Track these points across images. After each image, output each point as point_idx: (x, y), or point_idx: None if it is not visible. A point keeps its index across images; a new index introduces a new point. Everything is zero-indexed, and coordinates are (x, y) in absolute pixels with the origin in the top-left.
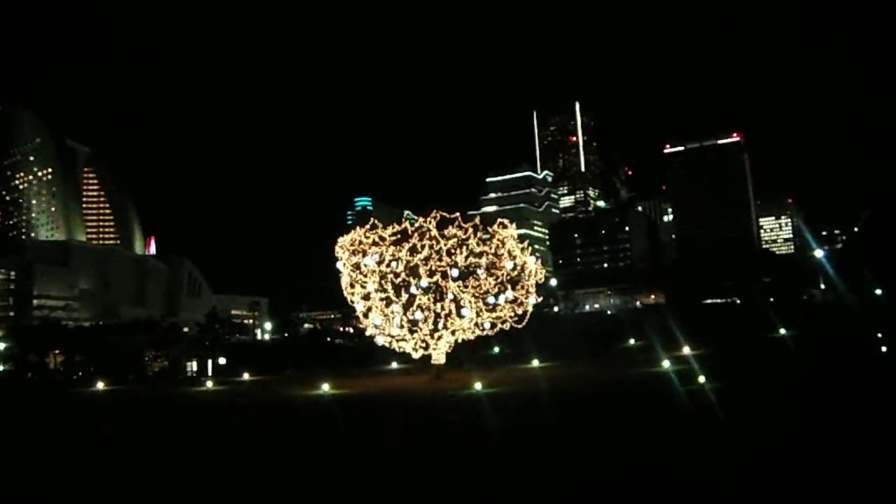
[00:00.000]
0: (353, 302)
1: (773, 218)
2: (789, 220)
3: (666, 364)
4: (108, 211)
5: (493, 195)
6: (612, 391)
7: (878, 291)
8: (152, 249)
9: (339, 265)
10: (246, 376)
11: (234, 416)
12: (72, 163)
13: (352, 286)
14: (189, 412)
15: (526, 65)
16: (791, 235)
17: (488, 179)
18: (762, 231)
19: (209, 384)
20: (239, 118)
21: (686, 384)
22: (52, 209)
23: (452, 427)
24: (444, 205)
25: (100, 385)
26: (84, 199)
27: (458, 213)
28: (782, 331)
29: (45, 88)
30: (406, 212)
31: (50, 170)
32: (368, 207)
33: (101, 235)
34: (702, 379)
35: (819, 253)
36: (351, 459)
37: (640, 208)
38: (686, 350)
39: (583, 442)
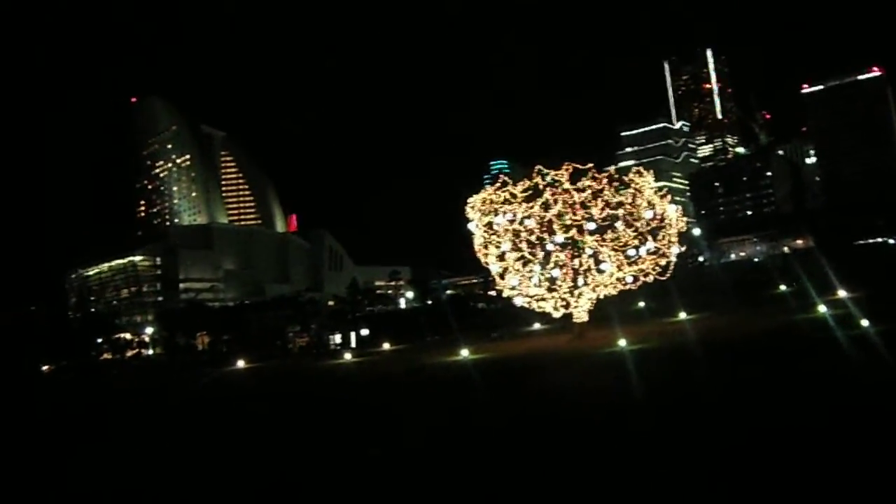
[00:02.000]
0: (487, 263)
1: None
2: None
3: (822, 309)
4: (247, 192)
5: (628, 149)
6: (768, 340)
7: None
8: (295, 227)
9: (470, 226)
10: (386, 346)
11: (363, 387)
12: (208, 148)
13: (485, 247)
14: (322, 385)
15: (654, 10)
16: None
17: (623, 133)
18: None
19: (348, 356)
20: (369, 91)
21: (848, 329)
22: (193, 194)
23: (593, 389)
24: (581, 160)
25: (240, 363)
26: (223, 182)
27: (591, 164)
28: None
29: (178, 78)
30: (537, 167)
31: (188, 156)
32: (506, 170)
33: (241, 216)
34: (865, 322)
35: None
36: (483, 429)
37: (781, 152)
38: (842, 293)
39: (742, 400)
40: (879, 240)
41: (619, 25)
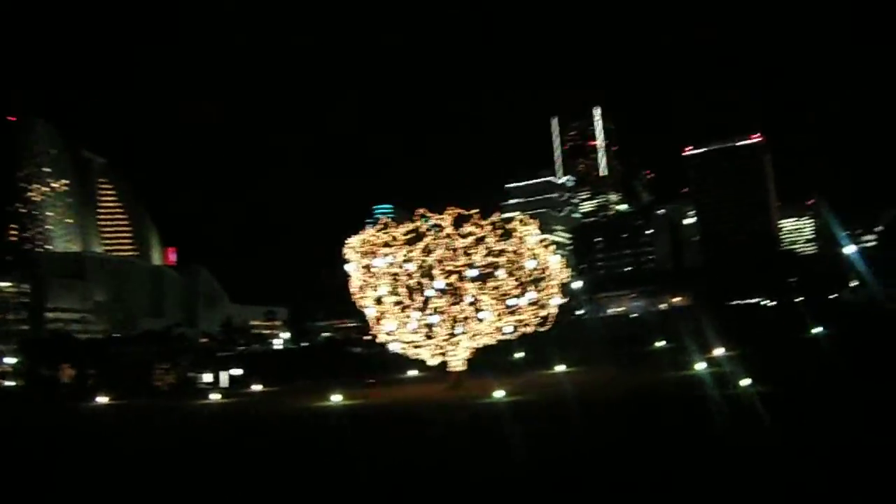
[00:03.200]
0: (363, 307)
1: (794, 219)
2: (810, 221)
3: (700, 366)
4: (125, 221)
5: (513, 201)
6: (646, 397)
7: None
8: (173, 260)
9: (348, 268)
10: (257, 388)
11: (222, 431)
12: (87, 174)
13: (362, 290)
14: (180, 427)
15: (544, 72)
16: (813, 236)
17: (508, 185)
18: (782, 233)
19: (216, 396)
20: (257, 128)
21: (726, 388)
22: (68, 220)
23: (466, 442)
24: (467, 209)
25: (102, 399)
26: (100, 211)
27: (475, 210)
28: (816, 330)
29: (60, 100)
30: (420, 209)
31: (65, 181)
32: (390, 215)
33: (117, 247)
34: (745, 381)
35: (850, 249)
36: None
37: (662, 211)
38: (719, 351)
39: (618, 459)
40: (754, 301)
41: (511, 79)
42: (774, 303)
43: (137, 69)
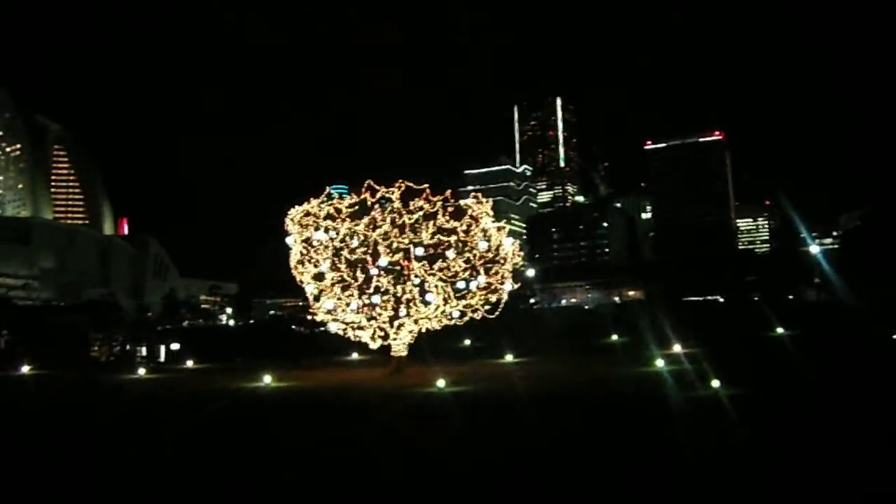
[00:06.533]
0: (302, 283)
1: (751, 219)
2: (767, 221)
3: (659, 363)
4: (77, 189)
5: (470, 188)
6: (602, 394)
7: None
8: (125, 231)
9: (288, 240)
10: (190, 364)
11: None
12: (42, 139)
13: (302, 264)
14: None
15: (509, 60)
16: (768, 237)
17: (466, 172)
18: (739, 232)
19: (141, 371)
20: (218, 103)
21: (692, 389)
22: (20, 186)
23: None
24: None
25: (24, 369)
26: (53, 177)
27: (426, 185)
28: (779, 330)
29: (17, 64)
30: (368, 181)
31: (18, 145)
32: (345, 195)
33: (69, 214)
34: (715, 383)
35: (815, 248)
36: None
37: (618, 205)
38: (677, 348)
39: (570, 461)
40: (709, 297)
41: (476, 69)
42: (730, 300)
43: (100, 36)
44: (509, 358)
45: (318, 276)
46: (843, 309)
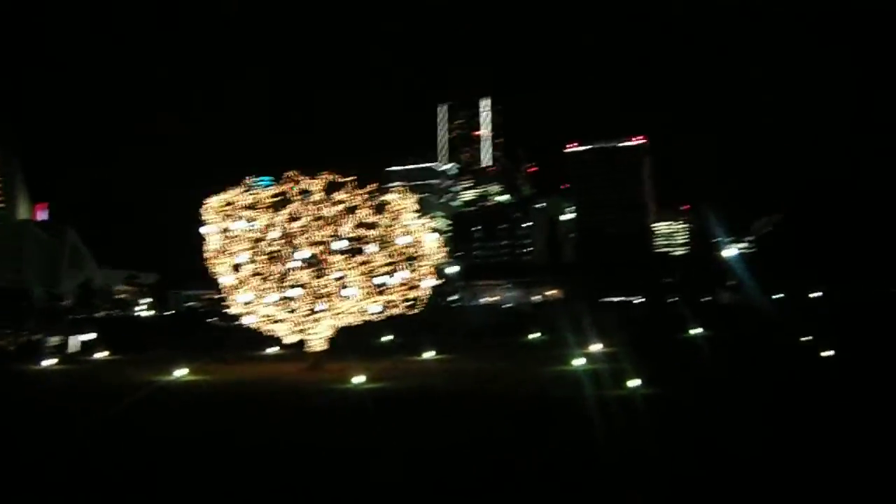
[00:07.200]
0: (218, 274)
1: (669, 223)
2: (684, 225)
3: (578, 362)
4: None
5: (395, 184)
6: (524, 392)
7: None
8: (41, 217)
9: (205, 230)
10: (104, 355)
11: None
12: None
13: (218, 255)
14: None
15: (437, 59)
16: (686, 240)
17: (391, 169)
18: (657, 235)
19: (51, 361)
20: (147, 87)
21: (610, 387)
22: None
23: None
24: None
25: None
26: None
27: (351, 178)
28: (695, 330)
29: None
30: (289, 172)
31: None
32: (268, 186)
33: None
34: (634, 382)
35: (730, 252)
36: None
37: (541, 205)
38: (596, 347)
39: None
40: (625, 298)
41: (404, 67)
42: (648, 301)
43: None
44: (429, 354)
45: (236, 268)
46: (755, 310)
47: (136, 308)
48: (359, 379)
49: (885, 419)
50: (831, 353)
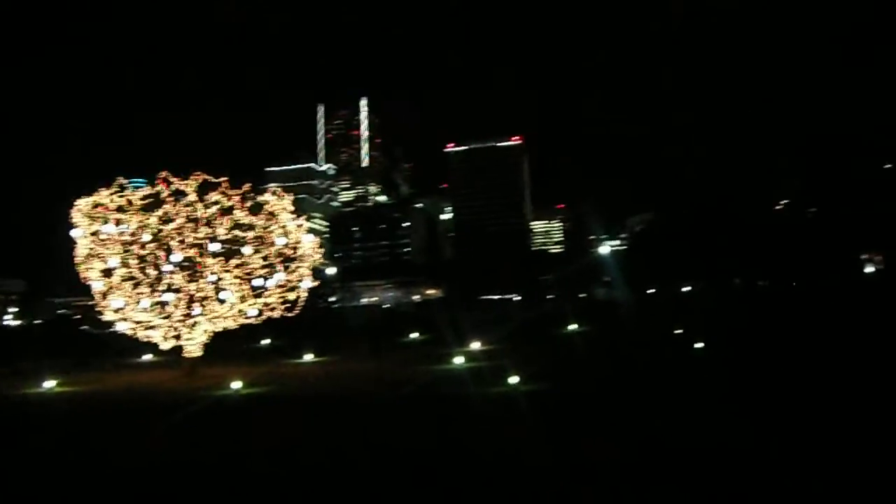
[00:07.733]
0: (88, 279)
1: (545, 222)
2: (560, 224)
3: (458, 360)
4: None
5: (273, 185)
6: (400, 394)
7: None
8: None
9: (74, 233)
10: None
11: None
12: None
13: (89, 259)
14: None
15: (314, 59)
16: (561, 239)
17: (268, 169)
18: (534, 233)
19: None
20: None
21: (491, 385)
22: None
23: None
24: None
25: None
26: None
27: (224, 178)
28: (572, 326)
29: None
30: (163, 172)
31: None
32: (141, 187)
33: None
34: (514, 379)
35: (605, 249)
36: None
37: (420, 205)
38: (476, 345)
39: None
40: (504, 296)
41: (279, 67)
42: (525, 299)
43: None
44: (309, 357)
45: (107, 273)
46: (628, 305)
47: (3, 316)
48: (236, 384)
49: (754, 403)
50: (702, 344)
